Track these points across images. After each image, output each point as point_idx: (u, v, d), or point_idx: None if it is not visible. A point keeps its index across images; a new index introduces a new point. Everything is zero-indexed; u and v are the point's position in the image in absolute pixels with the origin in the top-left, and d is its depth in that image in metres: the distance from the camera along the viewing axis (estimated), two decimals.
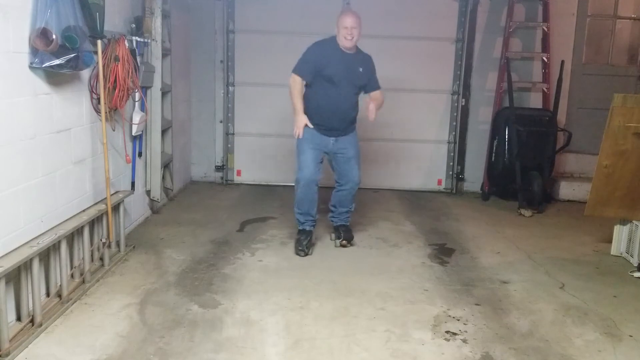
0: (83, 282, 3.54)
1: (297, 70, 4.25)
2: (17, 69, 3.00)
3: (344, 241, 4.50)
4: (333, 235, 4.62)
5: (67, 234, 3.31)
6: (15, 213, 3.01)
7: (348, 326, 3.20)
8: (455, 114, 6.57)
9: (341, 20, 4.20)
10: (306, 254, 4.33)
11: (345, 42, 4.17)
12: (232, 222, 5.14)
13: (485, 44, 6.42)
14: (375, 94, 4.42)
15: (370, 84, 4.40)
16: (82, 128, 3.76)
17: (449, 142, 6.66)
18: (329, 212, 4.65)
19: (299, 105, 4.24)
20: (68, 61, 3.16)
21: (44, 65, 3.08)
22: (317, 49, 4.27)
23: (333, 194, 4.56)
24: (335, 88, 4.21)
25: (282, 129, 6.55)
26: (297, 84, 4.23)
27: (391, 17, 6.38)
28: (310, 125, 4.25)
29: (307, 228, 4.44)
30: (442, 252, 4.52)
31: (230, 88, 6.56)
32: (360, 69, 4.29)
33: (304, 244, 4.34)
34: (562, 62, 6.05)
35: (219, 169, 6.71)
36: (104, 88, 3.75)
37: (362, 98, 4.48)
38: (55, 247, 3.27)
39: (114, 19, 4.18)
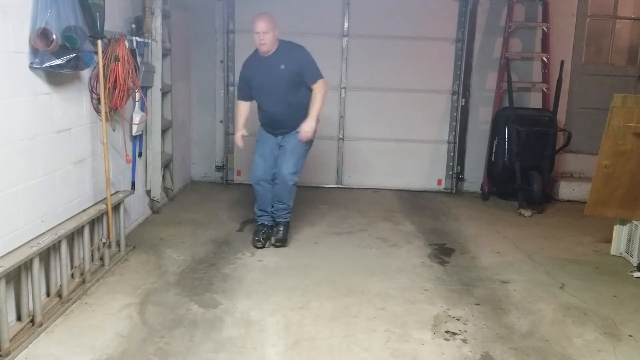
0: (83, 282, 3.55)
1: (237, 96, 4.62)
2: (17, 69, 3.00)
3: (277, 243, 4.46)
4: (271, 236, 4.53)
5: (67, 233, 3.31)
6: (16, 213, 3.01)
7: (348, 326, 3.20)
8: (455, 114, 6.57)
9: (253, 26, 4.16)
10: (263, 246, 4.42)
11: (260, 47, 4.20)
12: (232, 222, 5.14)
13: (485, 44, 6.43)
14: (314, 87, 4.25)
15: (307, 76, 4.25)
16: (82, 128, 3.76)
17: (448, 142, 6.66)
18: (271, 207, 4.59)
19: (238, 124, 4.55)
20: (68, 61, 3.16)
21: (44, 66, 3.08)
22: (243, 69, 4.48)
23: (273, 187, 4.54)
24: (265, 95, 4.33)
25: None
26: (237, 107, 4.59)
27: (391, 17, 6.38)
28: (240, 144, 4.50)
29: (265, 222, 4.55)
30: (442, 252, 4.53)
31: (230, 88, 6.56)
32: (282, 66, 4.21)
33: (260, 235, 4.46)
34: (562, 62, 6.06)
35: (219, 169, 6.71)
36: (104, 88, 3.75)
37: None
38: (55, 247, 3.27)
39: (114, 19, 4.18)
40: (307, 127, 4.25)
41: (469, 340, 3.09)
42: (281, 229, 4.52)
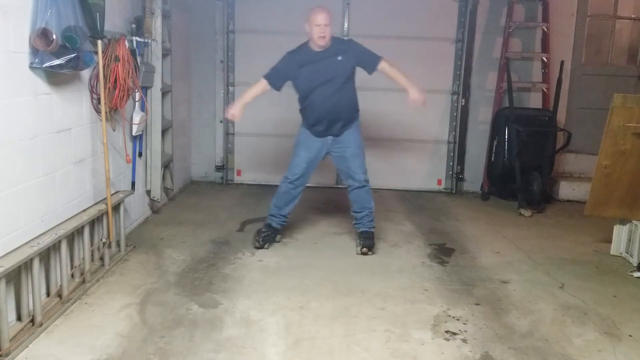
0: (83, 282, 3.55)
1: (266, 75, 4.33)
2: (18, 69, 3.01)
3: (364, 249, 4.38)
4: (357, 241, 4.50)
5: (67, 233, 3.31)
6: (16, 213, 3.01)
7: (348, 326, 3.20)
8: (455, 114, 6.58)
9: (313, 18, 4.09)
10: (261, 247, 4.37)
11: (319, 40, 4.11)
12: (232, 222, 5.14)
13: (485, 44, 6.43)
14: (383, 67, 4.25)
15: (365, 63, 4.25)
16: (83, 128, 3.76)
17: (449, 142, 6.67)
18: (353, 219, 4.53)
19: (245, 96, 4.35)
20: (68, 61, 3.16)
21: (44, 66, 3.08)
22: (287, 60, 4.30)
23: (348, 195, 4.47)
24: (319, 88, 4.19)
25: (282, 129, 6.56)
26: (257, 83, 4.34)
27: (391, 17, 6.38)
28: (235, 118, 4.40)
29: (274, 225, 4.48)
30: (442, 252, 4.53)
31: (230, 88, 6.56)
32: (340, 57, 4.18)
33: (262, 236, 4.39)
34: (562, 62, 6.06)
35: (219, 169, 6.71)
36: (104, 88, 3.75)
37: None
38: (55, 247, 3.27)
39: (114, 19, 4.18)
40: (417, 94, 4.20)
41: (469, 340, 3.09)
42: (370, 235, 4.45)
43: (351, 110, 4.32)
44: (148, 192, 5.08)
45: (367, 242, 4.41)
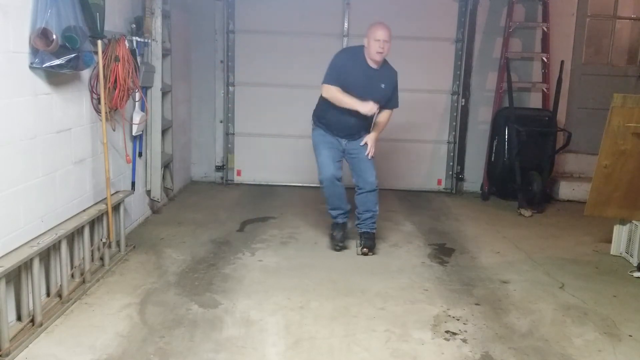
0: (83, 282, 3.55)
1: (327, 81, 4.18)
2: (18, 69, 3.00)
3: (364, 249, 4.39)
4: (357, 242, 4.52)
5: (67, 233, 3.31)
6: (16, 213, 3.01)
7: (348, 326, 3.20)
8: (455, 114, 6.58)
9: (373, 32, 4.03)
10: (342, 248, 4.40)
11: (376, 55, 4.05)
12: (232, 222, 5.14)
13: (485, 44, 6.43)
14: (384, 114, 4.31)
15: (390, 101, 4.29)
16: (83, 128, 3.76)
17: (449, 142, 6.67)
18: (355, 219, 4.53)
19: (352, 100, 4.11)
20: (68, 61, 3.16)
21: (44, 66, 3.08)
22: (343, 57, 4.25)
23: (355, 197, 4.46)
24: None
25: (283, 129, 6.57)
26: (333, 91, 4.16)
27: (391, 17, 6.31)
28: (376, 109, 4.17)
29: (340, 221, 4.50)
30: (442, 252, 4.53)
31: (230, 88, 6.57)
32: (383, 85, 4.18)
33: (338, 239, 4.43)
34: (562, 62, 6.06)
35: (219, 169, 6.71)
36: (104, 88, 3.75)
37: None
38: (55, 247, 3.27)
39: (114, 19, 4.18)
40: (372, 141, 4.31)
41: (469, 340, 3.09)
42: (371, 236, 4.45)
43: (367, 128, 4.37)
44: (148, 192, 5.08)
45: (368, 243, 4.42)
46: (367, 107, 4.09)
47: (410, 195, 6.47)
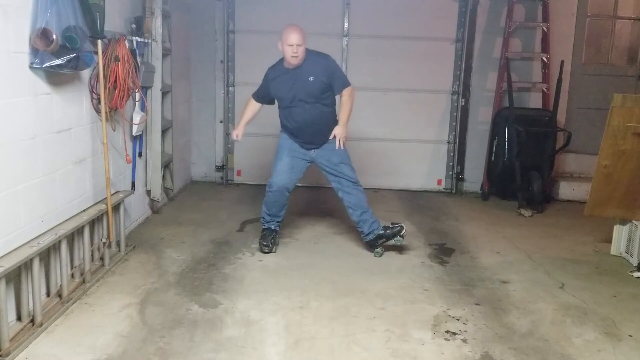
0: (83, 282, 3.55)
1: (253, 94, 4.45)
2: (18, 69, 3.01)
3: (398, 238, 4.28)
4: (377, 250, 4.37)
5: (67, 233, 3.31)
6: (16, 213, 3.01)
7: (348, 326, 3.20)
8: (455, 114, 6.58)
9: (285, 37, 4.01)
10: (270, 250, 4.35)
11: (291, 59, 4.05)
12: (232, 222, 5.14)
13: (485, 44, 6.43)
14: (344, 94, 4.19)
15: (334, 85, 4.18)
16: (83, 128, 3.76)
17: (449, 142, 6.67)
18: (360, 234, 4.43)
19: (243, 117, 4.48)
20: (68, 61, 3.16)
21: (44, 66, 3.09)
22: (268, 75, 4.33)
23: (347, 207, 4.34)
24: (294, 106, 4.19)
25: None
26: (248, 102, 4.48)
27: (391, 17, 6.38)
28: (238, 138, 4.42)
29: (272, 227, 4.46)
30: (442, 252, 4.53)
31: (230, 88, 6.57)
32: (311, 78, 4.10)
33: (269, 240, 4.37)
34: (562, 62, 6.06)
35: (219, 169, 6.71)
36: (105, 88, 3.75)
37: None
38: (55, 247, 3.27)
39: (114, 19, 4.18)
40: (341, 133, 4.13)
41: (469, 340, 3.09)
42: (387, 233, 4.32)
43: (329, 124, 4.21)
44: (148, 192, 5.08)
45: (387, 233, 4.30)
46: (233, 132, 4.47)
47: (410, 195, 6.47)
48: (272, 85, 4.25)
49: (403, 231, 4.32)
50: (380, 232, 4.31)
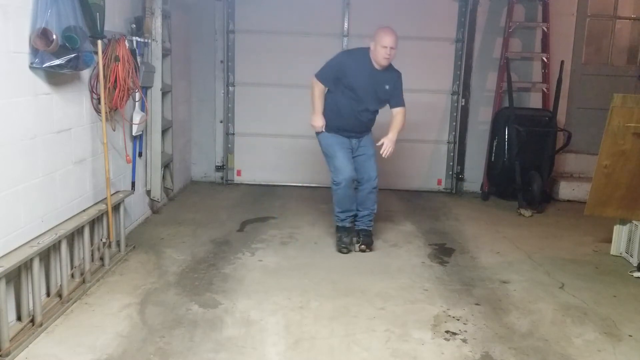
0: (83, 282, 3.55)
1: (318, 75, 4.32)
2: (18, 69, 3.01)
3: (362, 245, 4.42)
4: (354, 239, 4.52)
5: (67, 233, 3.31)
6: (16, 213, 3.01)
7: (348, 326, 3.20)
8: (455, 114, 6.58)
9: (380, 38, 4.09)
10: (349, 251, 4.39)
11: (383, 61, 4.15)
12: (232, 222, 5.14)
13: (485, 44, 6.43)
14: (397, 112, 4.34)
15: (393, 99, 4.35)
16: (83, 128, 3.76)
17: (448, 142, 6.67)
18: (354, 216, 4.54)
19: (318, 107, 4.32)
20: (68, 61, 3.16)
21: (44, 66, 3.08)
22: (344, 59, 4.34)
23: (356, 195, 4.47)
24: (358, 100, 4.25)
25: (282, 129, 6.57)
26: (316, 87, 4.32)
27: (391, 17, 6.34)
28: (321, 129, 4.34)
29: (347, 225, 4.49)
30: (442, 252, 4.53)
31: (230, 88, 6.57)
32: (387, 87, 4.28)
33: (346, 241, 4.41)
34: (562, 62, 6.06)
35: (219, 169, 6.71)
36: (104, 88, 3.75)
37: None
38: (55, 247, 3.27)
39: (114, 19, 4.18)
40: (391, 141, 4.24)
41: (469, 340, 3.09)
42: (367, 233, 4.49)
43: (370, 127, 4.49)
44: (148, 192, 5.08)
45: (367, 240, 4.45)
46: (316, 123, 4.33)
47: (410, 195, 6.47)
48: (351, 73, 4.22)
49: (362, 246, 4.43)
50: (361, 227, 4.49)
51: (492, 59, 6.43)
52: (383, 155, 4.26)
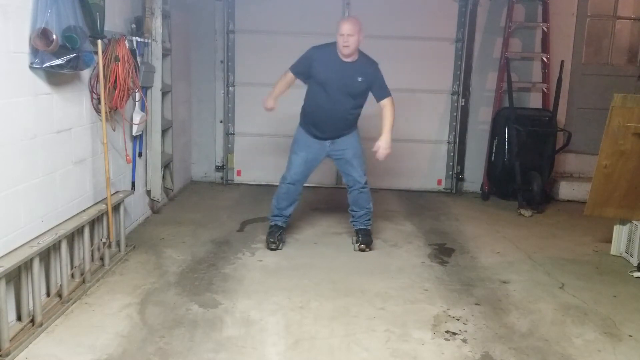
0: (83, 282, 3.55)
1: (291, 67, 4.35)
2: (18, 69, 3.01)
3: (362, 245, 4.43)
4: (353, 239, 4.57)
5: (67, 233, 3.31)
6: (16, 213, 3.01)
7: (348, 326, 3.20)
8: (455, 114, 6.58)
9: (338, 27, 4.12)
10: (277, 247, 4.38)
11: (343, 49, 4.12)
12: (232, 222, 5.14)
13: (485, 44, 6.43)
14: (384, 104, 4.26)
15: (375, 92, 4.28)
16: (83, 128, 3.76)
17: (449, 142, 6.67)
18: (349, 217, 4.57)
19: (275, 90, 4.40)
20: (68, 61, 3.16)
21: (44, 66, 3.09)
22: (313, 53, 4.29)
23: (348, 196, 4.50)
24: (327, 95, 4.20)
25: (282, 129, 6.54)
26: (284, 75, 4.36)
27: (391, 17, 6.38)
28: (269, 110, 4.41)
29: (279, 224, 4.50)
30: (442, 252, 4.53)
31: (230, 88, 6.57)
32: (360, 79, 4.19)
33: (276, 237, 4.41)
34: (562, 62, 6.06)
35: (219, 169, 6.71)
36: (104, 88, 3.75)
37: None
38: (55, 247, 3.27)
39: (114, 19, 4.18)
40: (386, 144, 4.19)
41: (469, 340, 3.09)
42: (366, 232, 4.48)
43: (351, 125, 4.37)
44: (148, 192, 5.08)
45: (365, 239, 4.45)
46: (264, 102, 4.42)
47: (410, 195, 6.47)
48: (316, 65, 4.22)
49: (361, 245, 4.45)
50: (359, 227, 4.49)
51: (492, 59, 6.43)
52: (380, 159, 4.24)
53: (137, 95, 4.46)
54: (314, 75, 4.23)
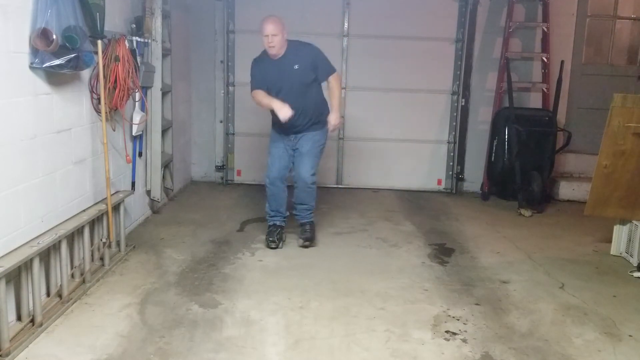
0: (83, 282, 3.55)
1: (252, 87, 4.37)
2: (18, 69, 3.01)
3: (306, 242, 4.48)
4: (299, 234, 4.59)
5: (67, 233, 3.31)
6: (16, 213, 3.01)
7: (348, 326, 3.20)
8: (455, 114, 6.57)
9: (261, 29, 4.17)
10: (277, 246, 4.41)
11: (270, 49, 4.20)
12: (232, 222, 5.14)
13: (485, 44, 6.43)
14: (329, 81, 4.30)
15: (319, 72, 4.30)
16: (83, 128, 3.76)
17: (448, 142, 6.66)
18: (292, 209, 4.62)
19: (270, 100, 4.24)
20: (68, 61, 3.16)
21: (44, 66, 3.09)
22: (253, 66, 4.40)
23: (294, 190, 4.56)
24: (283, 96, 4.24)
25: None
26: (258, 95, 4.32)
27: (391, 17, 6.38)
28: (291, 113, 4.24)
29: (277, 223, 4.54)
30: (442, 252, 4.53)
31: (230, 88, 6.56)
32: (296, 66, 4.23)
33: (275, 236, 4.44)
34: (562, 62, 6.06)
35: (219, 169, 6.71)
36: (104, 88, 3.75)
37: None
38: (55, 247, 3.27)
39: (114, 19, 4.18)
40: (334, 120, 4.32)
41: (469, 340, 3.09)
42: (307, 228, 4.53)
43: (315, 112, 4.37)
44: (148, 192, 5.08)
45: (305, 234, 4.51)
46: (282, 112, 4.15)
47: (410, 195, 6.47)
48: (261, 74, 4.32)
49: (305, 242, 4.48)
50: (303, 221, 4.54)
51: (492, 59, 6.43)
52: (331, 129, 4.38)
53: (137, 95, 4.46)
54: (264, 83, 4.31)
